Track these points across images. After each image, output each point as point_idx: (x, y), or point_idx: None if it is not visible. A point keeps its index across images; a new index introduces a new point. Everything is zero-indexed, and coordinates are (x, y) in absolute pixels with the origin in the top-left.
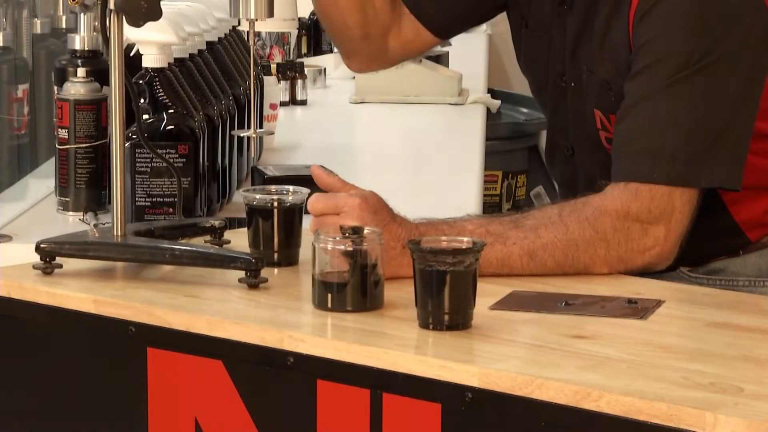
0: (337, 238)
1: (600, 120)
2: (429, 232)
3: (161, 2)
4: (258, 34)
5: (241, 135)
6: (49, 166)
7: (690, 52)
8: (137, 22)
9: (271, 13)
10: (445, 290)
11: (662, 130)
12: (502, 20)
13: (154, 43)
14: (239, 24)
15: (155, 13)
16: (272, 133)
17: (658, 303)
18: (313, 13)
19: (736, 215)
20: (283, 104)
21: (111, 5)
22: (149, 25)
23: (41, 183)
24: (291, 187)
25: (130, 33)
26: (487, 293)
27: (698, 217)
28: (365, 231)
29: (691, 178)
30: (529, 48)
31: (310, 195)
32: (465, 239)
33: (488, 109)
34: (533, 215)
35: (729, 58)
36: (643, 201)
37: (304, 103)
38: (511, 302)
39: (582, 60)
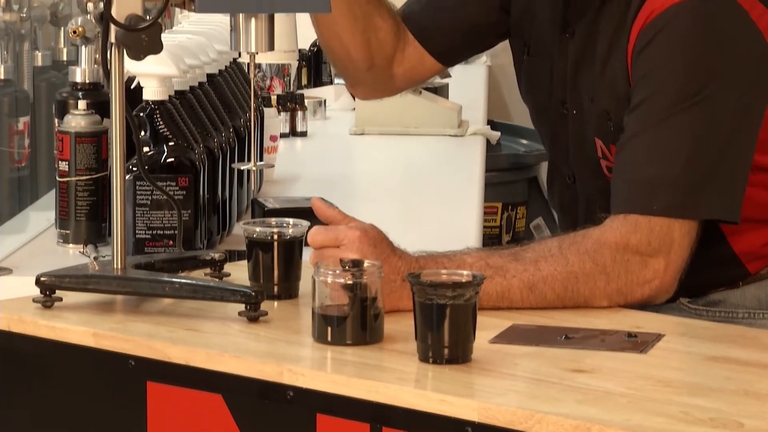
0: (337, 272)
1: (600, 149)
2: (429, 266)
3: (162, 35)
4: (258, 66)
5: (242, 168)
6: (50, 198)
7: (688, 84)
8: (138, 56)
9: (271, 46)
10: (445, 324)
11: (661, 162)
12: (501, 52)
13: (154, 75)
14: (240, 56)
15: (156, 47)
16: (272, 166)
17: (658, 337)
18: (313, 45)
19: (735, 246)
20: (283, 136)
21: (112, 39)
22: (150, 57)
23: (41, 215)
24: (291, 220)
25: (131, 66)
26: (487, 326)
27: (698, 247)
28: (365, 264)
29: (690, 209)
30: (531, 74)
31: (310, 228)
32: (465, 273)
33: (488, 141)
34: (533, 248)
35: (727, 91)
36: (642, 233)
37: (304, 134)
38: (511, 335)
39: (583, 88)
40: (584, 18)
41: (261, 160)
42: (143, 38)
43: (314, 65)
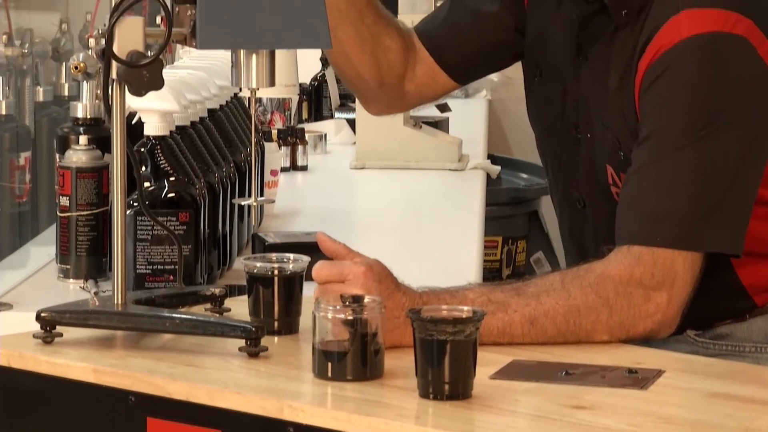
0: (338, 307)
1: (611, 175)
2: (431, 301)
3: (163, 71)
4: (259, 100)
5: (242, 204)
6: (50, 233)
7: (696, 119)
8: (139, 92)
9: (272, 82)
10: (446, 360)
11: (666, 195)
12: (501, 86)
13: (155, 111)
14: (240, 90)
15: (157, 83)
16: (273, 202)
17: (659, 373)
18: (314, 79)
19: (743, 279)
20: (283, 170)
21: (113, 75)
22: (151, 93)
23: (42, 250)
24: (291, 255)
25: (132, 101)
26: (488, 362)
27: (706, 278)
28: (365, 300)
29: (693, 242)
30: (542, 97)
31: (311, 263)
32: (465, 308)
33: (488, 175)
34: (535, 282)
35: (734, 126)
36: (646, 265)
37: (304, 168)
38: (512, 371)
39: (596, 113)
40: (598, 43)
41: (262, 195)
42: (144, 74)
43: (315, 99)
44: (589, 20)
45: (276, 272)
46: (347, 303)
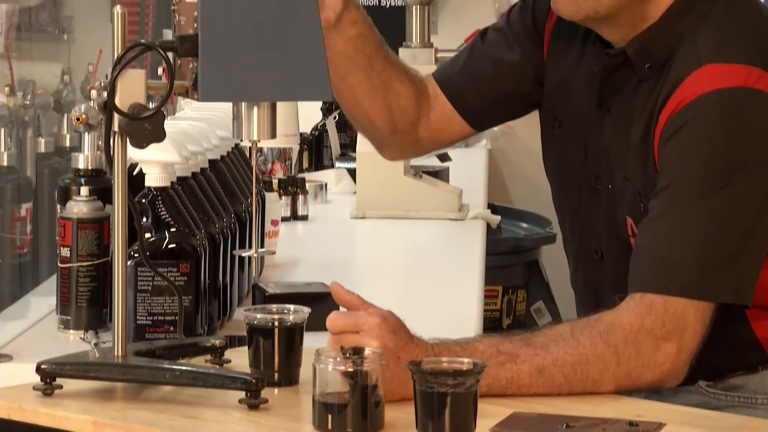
0: (338, 359)
1: (631, 227)
2: (443, 353)
3: (164, 123)
4: (260, 150)
5: (243, 255)
6: (51, 283)
7: (714, 172)
8: (141, 144)
9: (273, 134)
10: (446, 412)
11: (681, 244)
12: (501, 136)
13: (156, 162)
14: (241, 141)
15: (159, 135)
16: (273, 253)
17: (659, 426)
18: (315, 129)
19: (757, 331)
20: (284, 219)
21: (115, 127)
22: (152, 145)
23: (42, 301)
24: (292, 307)
25: (134, 152)
26: (488, 414)
27: (719, 329)
28: (366, 352)
29: (706, 291)
30: (562, 148)
31: (311, 314)
32: (465, 361)
33: (488, 224)
34: (544, 332)
35: (750, 179)
36: (657, 314)
37: (305, 218)
38: (512, 424)
39: (617, 165)
40: (620, 95)
41: (262, 245)
42: (146, 127)
43: (315, 149)
44: (612, 72)
45: (276, 324)
46: (347, 355)
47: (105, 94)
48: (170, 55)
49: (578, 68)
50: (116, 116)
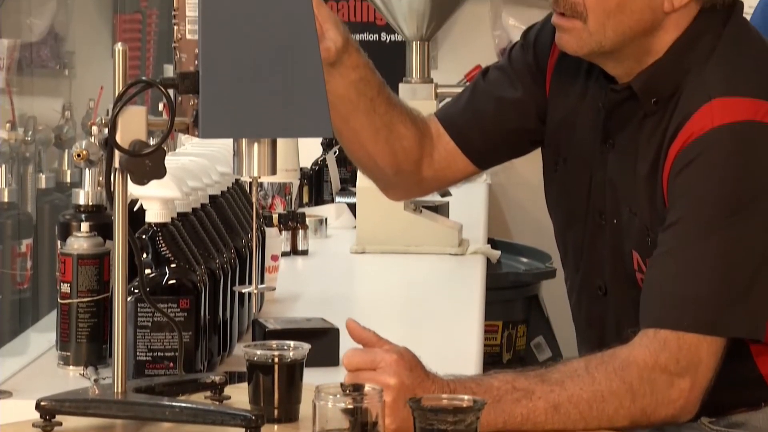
0: (338, 396)
1: (637, 262)
2: (458, 390)
3: (165, 159)
4: (260, 185)
5: (243, 291)
6: (51, 319)
7: (724, 206)
8: (142, 181)
9: (274, 170)
10: None
11: (693, 280)
12: (501, 171)
13: (157, 198)
14: (242, 176)
15: (160, 172)
16: (273, 289)
17: None
18: (315, 163)
19: (761, 367)
20: (284, 254)
21: (116, 164)
22: (153, 181)
23: (42, 337)
24: (292, 343)
25: (134, 188)
26: None
27: (724, 365)
28: (366, 388)
29: (719, 327)
30: (566, 184)
31: (311, 350)
32: (465, 398)
33: (488, 259)
34: (559, 369)
35: (761, 211)
36: (671, 351)
37: (305, 253)
38: None
39: (623, 200)
40: (626, 130)
41: (262, 280)
42: (147, 163)
43: (316, 183)
44: (617, 107)
45: (276, 360)
46: (347, 392)
47: (106, 130)
48: (171, 92)
49: (582, 104)
50: (117, 153)
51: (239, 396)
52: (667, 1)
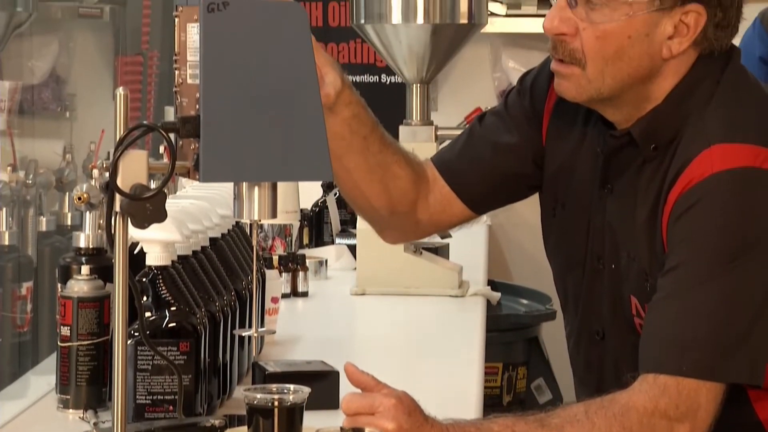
0: None
1: (635, 307)
2: None
3: (166, 202)
4: (260, 226)
5: (243, 335)
6: (51, 362)
7: (724, 251)
8: (142, 225)
9: (274, 214)
10: None
11: (693, 325)
12: (501, 212)
13: (157, 241)
14: (243, 220)
15: (160, 216)
16: (273, 332)
17: None
18: (315, 205)
19: (759, 412)
20: (284, 296)
21: (116, 208)
22: (154, 224)
23: (42, 380)
24: (292, 386)
25: (135, 231)
26: None
27: (722, 411)
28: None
29: (719, 372)
30: (564, 229)
31: (311, 393)
32: None
33: (488, 301)
34: (558, 414)
35: (761, 257)
36: (671, 396)
37: (305, 294)
38: None
39: (622, 244)
40: (624, 176)
41: (262, 323)
42: (148, 207)
43: (316, 225)
44: (616, 153)
45: (276, 403)
46: None
47: (107, 174)
48: (172, 136)
49: (580, 149)
50: (118, 197)
51: None
52: (665, 47)
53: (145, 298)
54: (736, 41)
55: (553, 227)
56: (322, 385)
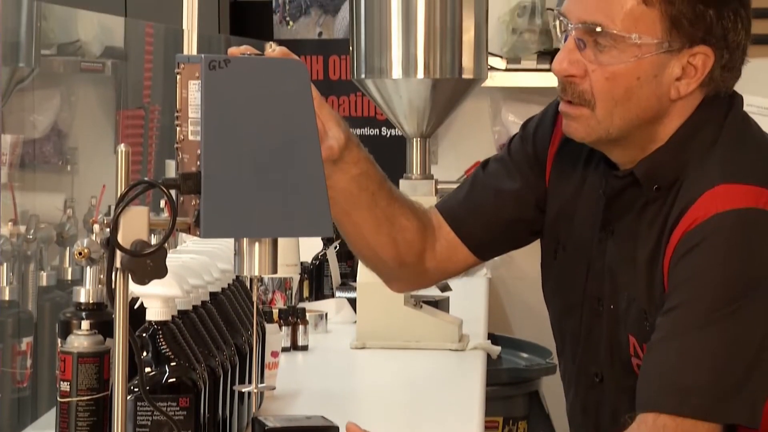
0: None
1: (633, 346)
2: None
3: (166, 259)
4: (261, 280)
5: (243, 390)
6: (50, 417)
7: (726, 294)
8: (143, 281)
9: (274, 269)
10: None
11: (692, 369)
12: (501, 264)
13: (158, 296)
14: (243, 275)
15: (161, 272)
16: (273, 388)
17: None
18: (315, 258)
19: None
20: (284, 350)
21: (117, 264)
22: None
23: None
24: None
25: (135, 286)
26: None
27: None
28: None
29: (719, 414)
30: (563, 273)
31: None
32: None
33: (488, 355)
34: None
35: (762, 299)
36: None
37: (305, 348)
38: None
39: (622, 285)
40: (625, 218)
41: (262, 378)
42: (148, 263)
43: (316, 278)
44: (619, 194)
45: None
46: None
47: (107, 230)
48: (173, 192)
49: (581, 192)
50: (118, 253)
51: None
52: (673, 89)
53: (145, 354)
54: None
55: (552, 270)
56: None
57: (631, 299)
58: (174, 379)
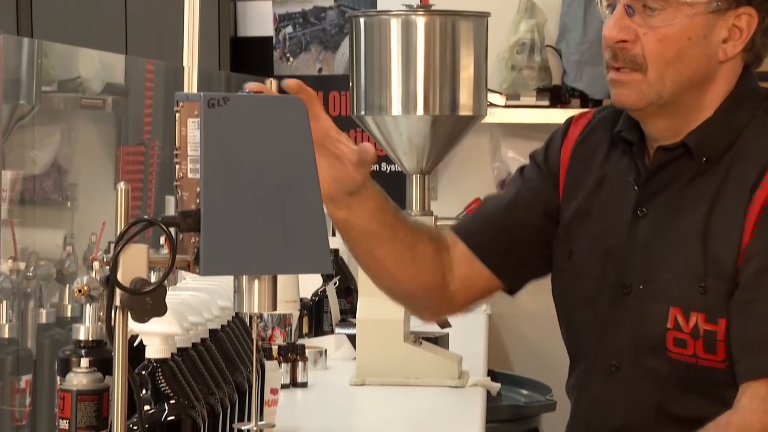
0: None
1: (675, 318)
2: None
3: (166, 296)
4: (260, 316)
5: (243, 428)
6: None
7: None
8: (142, 319)
9: (274, 306)
10: None
11: None
12: (501, 300)
13: (157, 334)
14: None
15: (160, 310)
16: (273, 426)
17: None
18: (315, 294)
19: None
20: (283, 386)
21: (116, 302)
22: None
23: None
24: None
25: (135, 324)
26: None
27: None
28: None
29: None
30: (580, 269)
31: None
32: None
33: (488, 391)
34: None
35: None
36: None
37: (304, 385)
38: None
39: (657, 262)
40: (663, 194)
41: (261, 415)
42: (148, 301)
43: (315, 314)
44: (658, 171)
45: None
46: None
47: (107, 268)
48: (172, 230)
49: (598, 191)
50: (118, 291)
51: None
52: (721, 50)
53: (144, 391)
54: None
55: (566, 272)
56: None
57: (677, 270)
58: (173, 417)
